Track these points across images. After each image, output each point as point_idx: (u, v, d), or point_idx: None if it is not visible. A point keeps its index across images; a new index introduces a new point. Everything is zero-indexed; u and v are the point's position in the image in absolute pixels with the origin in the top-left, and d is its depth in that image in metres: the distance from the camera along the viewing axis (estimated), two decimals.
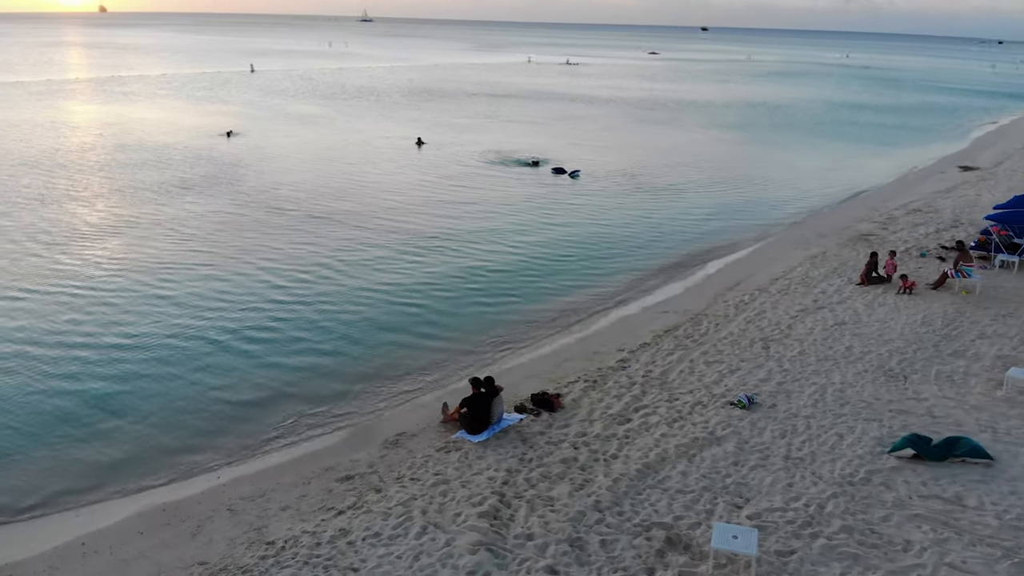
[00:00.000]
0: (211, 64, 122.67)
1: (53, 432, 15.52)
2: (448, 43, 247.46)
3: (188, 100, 73.99)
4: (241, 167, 42.09)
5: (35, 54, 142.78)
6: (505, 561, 11.23)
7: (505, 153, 49.31)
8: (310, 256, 26.86)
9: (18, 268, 24.75)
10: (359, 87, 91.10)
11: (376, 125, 60.63)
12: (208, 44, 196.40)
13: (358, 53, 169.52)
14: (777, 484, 12.99)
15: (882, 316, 21.15)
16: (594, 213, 34.87)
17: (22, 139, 49.33)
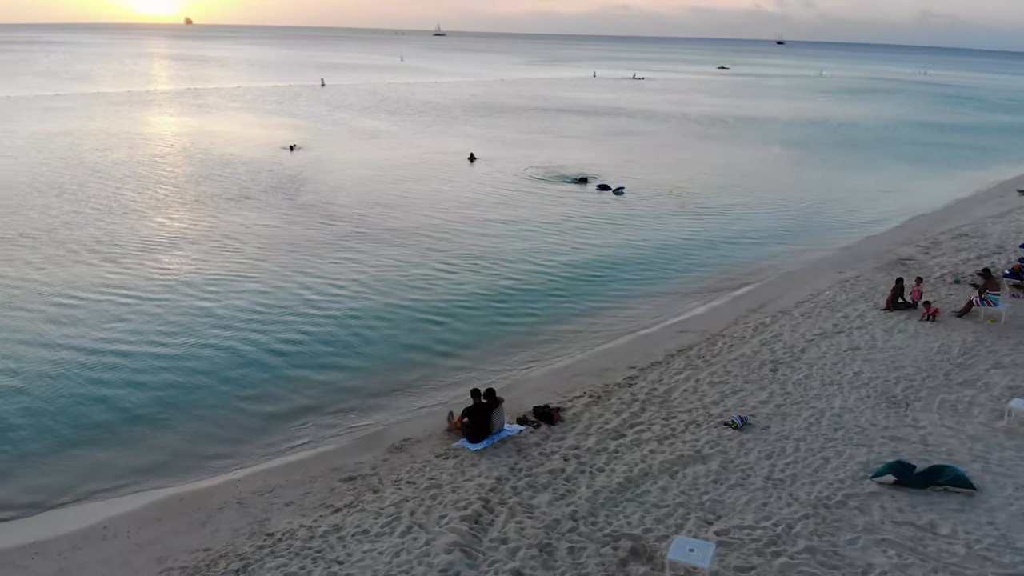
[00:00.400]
0: (284, 78, 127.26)
1: (88, 431, 16.93)
2: (516, 57, 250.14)
3: (258, 113, 77.23)
4: (298, 181, 44.00)
5: (118, 65, 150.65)
6: (476, 562, 11.99)
7: (554, 169, 50.14)
8: (347, 271, 28.11)
9: (73, 276, 26.70)
10: (423, 102, 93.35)
11: (433, 140, 62.25)
12: (285, 57, 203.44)
13: (427, 67, 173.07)
14: (752, 503, 13.39)
15: (899, 343, 21.11)
16: (633, 232, 35.29)
17: (97, 148, 52.62)
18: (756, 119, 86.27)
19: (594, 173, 48.88)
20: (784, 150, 64.04)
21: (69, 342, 21.20)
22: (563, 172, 49.07)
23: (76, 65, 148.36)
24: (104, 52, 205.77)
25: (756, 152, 62.08)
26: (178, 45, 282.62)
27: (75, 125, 63.92)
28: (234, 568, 12.22)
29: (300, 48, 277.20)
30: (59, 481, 15.22)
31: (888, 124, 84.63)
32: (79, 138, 56.91)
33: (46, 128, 61.75)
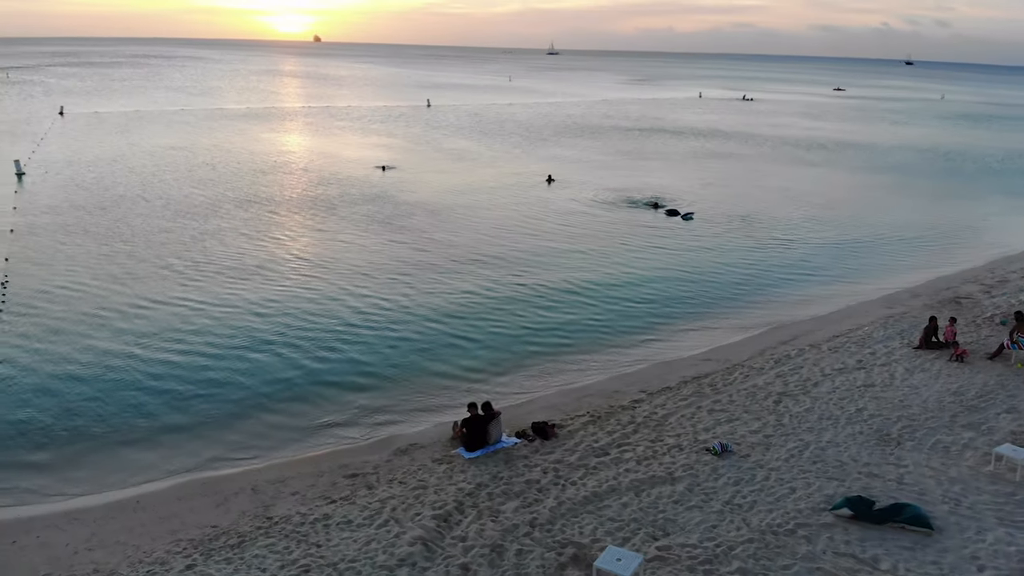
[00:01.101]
0: (394, 98, 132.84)
1: (133, 421, 19.40)
2: (624, 76, 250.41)
3: (361, 133, 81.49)
4: (380, 200, 46.69)
5: (242, 81, 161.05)
6: (433, 555, 13.39)
7: (630, 193, 50.95)
8: (397, 288, 30.02)
9: (155, 278, 29.84)
10: (520, 122, 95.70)
11: (517, 161, 64.15)
12: (400, 77, 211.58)
13: (532, 88, 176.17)
14: (702, 524, 14.18)
15: (917, 382, 21.07)
16: (690, 260, 35.75)
17: (206, 162, 57.33)
18: (857, 145, 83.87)
19: (670, 197, 49.47)
20: (877, 178, 62.26)
21: (136, 340, 24.00)
22: (638, 196, 49.81)
23: (205, 81, 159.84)
24: (233, 69, 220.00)
25: (846, 180, 60.71)
26: (302, 63, 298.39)
27: (192, 140, 69.61)
28: (231, 543, 14.08)
29: (416, 67, 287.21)
30: (110, 460, 17.65)
31: (1002, 155, 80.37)
32: (193, 152, 62.08)
33: (165, 142, 67.61)
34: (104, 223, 38.33)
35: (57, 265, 31.36)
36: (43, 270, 30.65)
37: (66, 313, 26.02)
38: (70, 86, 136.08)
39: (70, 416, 19.31)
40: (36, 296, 27.66)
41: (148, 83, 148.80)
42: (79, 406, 19.81)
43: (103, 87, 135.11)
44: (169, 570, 13.21)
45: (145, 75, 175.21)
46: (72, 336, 24.12)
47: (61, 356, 22.66)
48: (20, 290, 28.20)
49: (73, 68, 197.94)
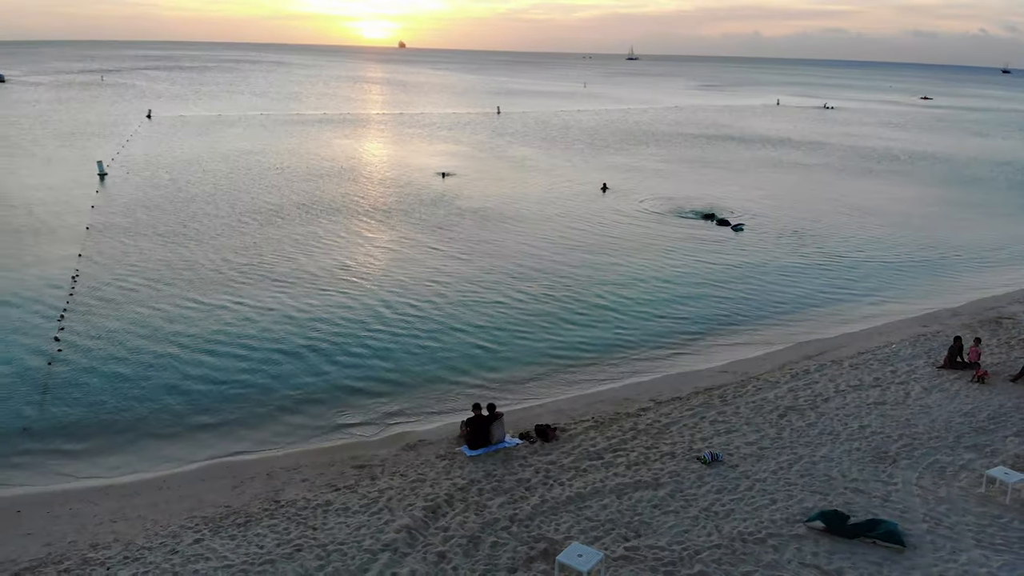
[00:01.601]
0: (465, 105, 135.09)
1: (171, 413, 21.06)
2: (702, 82, 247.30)
3: (427, 139, 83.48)
4: (434, 206, 48.12)
5: (323, 87, 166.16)
6: (415, 542, 14.39)
7: (684, 202, 51.03)
8: (434, 292, 31.21)
9: (199, 281, 31.76)
10: (585, 129, 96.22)
11: (575, 169, 64.77)
12: (476, 83, 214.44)
13: (605, 94, 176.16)
14: (675, 528, 14.74)
15: (931, 401, 20.96)
16: (732, 271, 35.76)
17: (276, 166, 59.98)
18: (934, 156, 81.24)
19: (726, 207, 49.43)
20: (947, 192, 60.35)
21: (181, 338, 25.86)
22: (692, 206, 49.83)
23: (287, 86, 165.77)
24: (316, 74, 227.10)
25: (913, 193, 59.07)
26: (383, 68, 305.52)
27: (265, 144, 72.80)
28: (239, 522, 15.40)
29: (494, 73, 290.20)
30: (144, 449, 19.33)
31: None
32: (265, 156, 65.03)
33: (241, 146, 70.94)
34: (171, 223, 40.88)
35: (124, 262, 33.76)
36: (110, 266, 33.06)
37: (123, 309, 28.13)
38: (161, 89, 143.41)
39: (114, 405, 21.13)
40: (100, 290, 29.96)
41: (233, 87, 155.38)
42: (123, 397, 21.63)
43: (191, 91, 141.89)
44: (179, 543, 14.58)
45: (232, 80, 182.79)
46: (124, 332, 26.14)
47: (112, 350, 24.66)
48: (87, 285, 30.57)
49: (166, 72, 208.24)
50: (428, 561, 13.73)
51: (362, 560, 13.76)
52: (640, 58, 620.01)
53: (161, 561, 13.91)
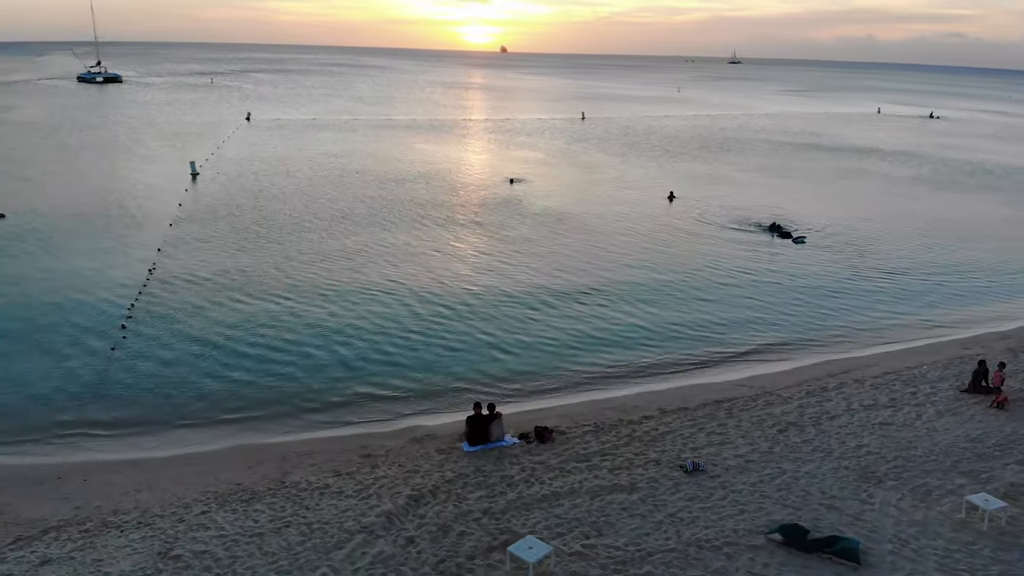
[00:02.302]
0: (552, 110, 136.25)
1: (208, 396, 23.10)
2: (802, 88, 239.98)
3: (505, 145, 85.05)
4: (496, 212, 49.46)
5: (419, 92, 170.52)
6: (391, 527, 15.62)
7: (750, 211, 50.59)
8: (472, 295, 32.52)
9: (255, 278, 34.05)
10: (667, 135, 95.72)
11: (647, 176, 64.87)
12: (568, 88, 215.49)
13: (698, 99, 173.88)
14: (636, 531, 15.40)
15: (940, 424, 20.70)
16: (781, 284, 35.48)
17: (356, 170, 62.64)
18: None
19: (793, 218, 48.88)
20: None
21: (234, 329, 28.04)
22: (758, 216, 49.21)
23: (384, 91, 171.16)
24: (413, 79, 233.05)
25: (993, 210, 56.40)
26: (480, 73, 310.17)
27: (351, 148, 75.97)
28: (244, 499, 17.04)
29: (590, 78, 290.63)
30: (183, 424, 21.37)
31: None
32: (347, 160, 67.99)
33: (328, 149, 74.35)
34: (246, 222, 43.73)
35: (196, 257, 36.53)
36: (183, 261, 35.86)
37: (185, 302, 30.60)
38: (264, 92, 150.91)
39: (161, 391, 23.34)
40: (170, 284, 32.64)
41: (332, 92, 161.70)
42: (170, 383, 23.87)
43: (292, 94, 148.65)
44: (188, 513, 16.32)
45: (332, 84, 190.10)
46: (182, 323, 28.54)
47: (168, 340, 27.04)
48: (160, 278, 33.35)
49: (271, 75, 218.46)
50: (397, 544, 14.93)
51: (339, 539, 15.09)
52: (743, 62, 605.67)
53: (168, 528, 15.64)
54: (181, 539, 15.16)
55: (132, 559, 14.42)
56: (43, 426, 20.79)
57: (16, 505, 16.70)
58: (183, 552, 14.68)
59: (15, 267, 34.27)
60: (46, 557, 14.51)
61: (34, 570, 14.08)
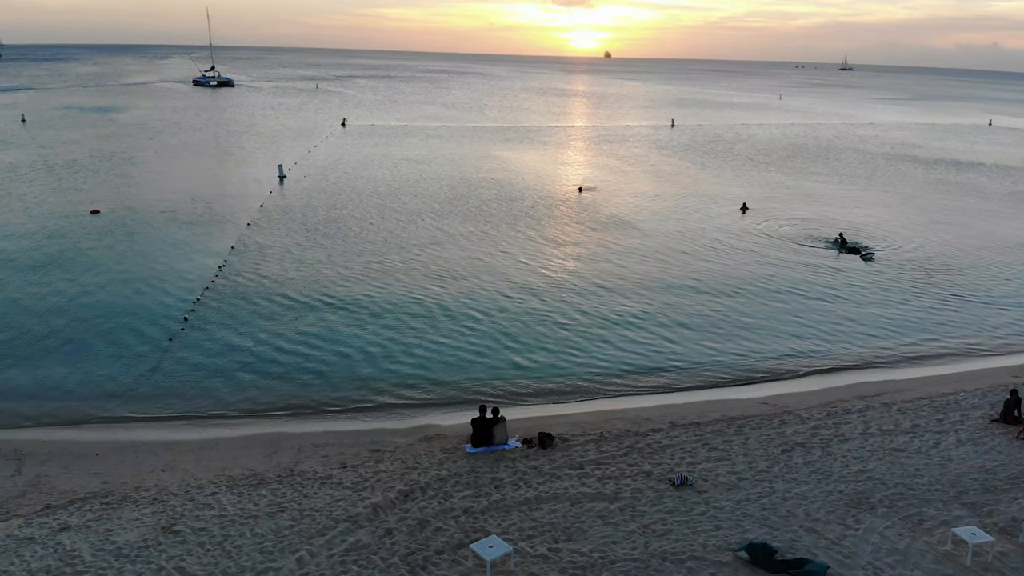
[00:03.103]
0: (642, 117, 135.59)
1: (248, 387, 24.73)
2: (912, 97, 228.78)
3: (584, 152, 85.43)
4: (560, 220, 50.07)
5: (512, 99, 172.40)
6: (375, 518, 16.57)
7: (824, 225, 49.29)
8: (513, 302, 33.26)
9: (315, 278, 35.77)
10: (754, 144, 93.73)
11: (723, 186, 63.90)
12: (665, 94, 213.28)
13: (799, 107, 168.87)
14: (607, 539, 15.77)
15: (957, 454, 20.03)
16: (837, 302, 34.59)
17: (432, 176, 64.41)
18: None
19: (870, 233, 47.52)
20: None
21: (289, 321, 29.74)
22: (830, 230, 47.74)
23: (478, 97, 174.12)
24: (510, 85, 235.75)
25: None
26: (580, 80, 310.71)
27: (433, 153, 78.10)
28: (253, 483, 18.39)
29: (691, 84, 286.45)
30: (221, 413, 23.06)
31: None
32: (427, 165, 70.03)
33: (411, 154, 76.74)
34: (319, 223, 45.96)
35: (265, 256, 38.78)
36: (253, 260, 38.14)
37: (246, 299, 32.65)
38: (363, 98, 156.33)
39: (206, 382, 25.21)
40: (236, 280, 34.85)
41: (428, 98, 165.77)
42: (217, 375, 25.70)
43: (389, 100, 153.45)
44: (199, 493, 17.77)
45: (429, 90, 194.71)
46: (239, 319, 30.53)
47: (222, 335, 29.02)
48: (227, 274, 35.64)
49: (374, 81, 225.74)
50: (375, 535, 15.86)
51: (324, 526, 16.16)
52: (854, 68, 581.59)
53: (178, 505, 17.12)
54: (186, 516, 16.57)
55: (138, 531, 15.90)
56: (93, 406, 22.93)
57: (53, 477, 18.59)
58: (184, 528, 16.07)
59: (99, 258, 37.39)
60: (66, 524, 16.18)
61: (53, 535, 15.74)
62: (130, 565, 14.65)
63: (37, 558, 14.83)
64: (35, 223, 44.24)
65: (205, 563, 14.75)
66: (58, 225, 43.91)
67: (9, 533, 15.74)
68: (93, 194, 52.79)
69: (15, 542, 15.41)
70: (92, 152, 72.11)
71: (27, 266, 36.07)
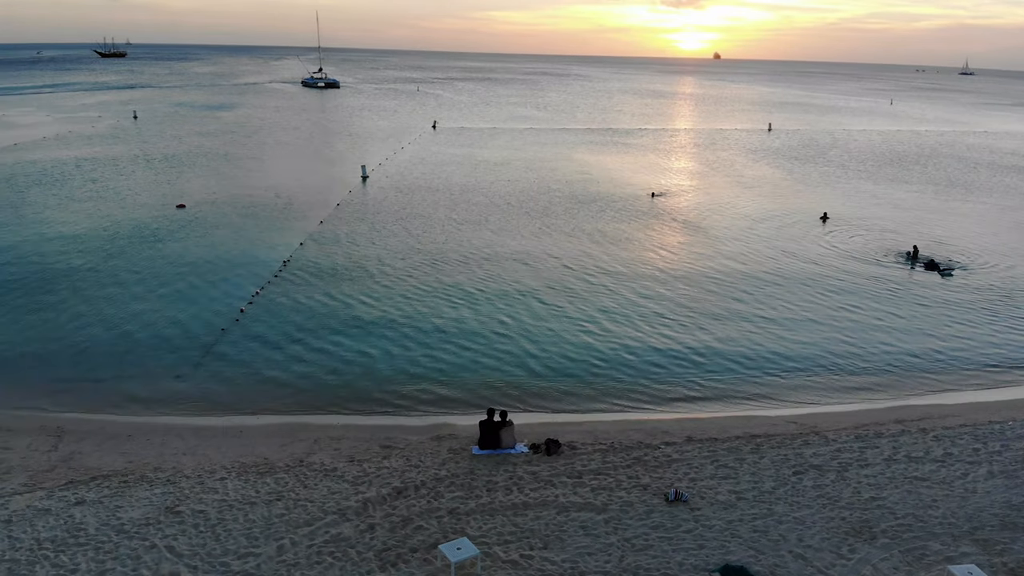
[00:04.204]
0: (738, 120, 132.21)
1: (286, 383, 25.80)
2: None
3: (667, 155, 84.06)
4: (626, 225, 49.55)
5: (605, 100, 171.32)
6: (364, 512, 17.08)
7: (906, 239, 46.79)
8: (553, 306, 33.27)
9: (373, 276, 36.76)
10: (850, 151, 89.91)
11: (808, 194, 61.65)
12: (769, 97, 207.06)
13: (909, 113, 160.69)
14: (583, 550, 15.70)
15: (983, 487, 18.81)
16: (899, 320, 32.91)
17: (508, 178, 64.80)
18: None
19: (956, 249, 45.01)
20: None
21: (339, 317, 30.80)
22: (912, 244, 45.34)
23: (572, 99, 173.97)
24: (607, 87, 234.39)
25: None
26: (682, 81, 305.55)
27: (513, 155, 78.71)
28: (261, 472, 19.27)
29: (798, 87, 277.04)
30: (255, 403, 24.18)
31: None
32: (505, 167, 70.67)
33: (491, 156, 77.64)
34: (387, 224, 47.21)
35: (331, 254, 40.19)
36: (317, 258, 39.58)
37: (303, 296, 33.94)
38: (460, 100, 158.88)
39: (249, 374, 26.45)
40: (298, 276, 36.30)
41: (521, 100, 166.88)
42: (260, 365, 26.92)
43: (482, 102, 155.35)
44: (210, 477, 18.78)
45: (525, 93, 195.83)
46: (292, 314, 31.82)
47: (272, 330, 30.32)
48: (291, 271, 37.15)
49: (473, 84, 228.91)
50: (358, 529, 16.36)
51: (312, 517, 16.80)
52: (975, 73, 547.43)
53: (187, 487, 18.16)
54: (191, 498, 17.56)
55: (144, 510, 16.98)
56: (136, 387, 24.52)
57: (84, 454, 20.02)
58: (185, 509, 17.04)
59: (173, 251, 39.74)
60: (82, 499, 17.44)
61: (68, 508, 17.02)
62: (127, 540, 15.66)
63: (47, 528, 16.07)
64: (123, 214, 47.41)
65: (194, 544, 15.60)
66: (144, 217, 46.88)
67: (30, 504, 17.10)
68: (183, 188, 56.02)
69: (33, 512, 16.74)
70: (191, 148, 76.46)
71: (104, 255, 38.72)
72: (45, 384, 24.69)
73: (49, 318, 30.15)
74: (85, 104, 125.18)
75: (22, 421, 22.01)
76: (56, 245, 40.32)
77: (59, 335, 28.49)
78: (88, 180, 58.62)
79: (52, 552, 15.20)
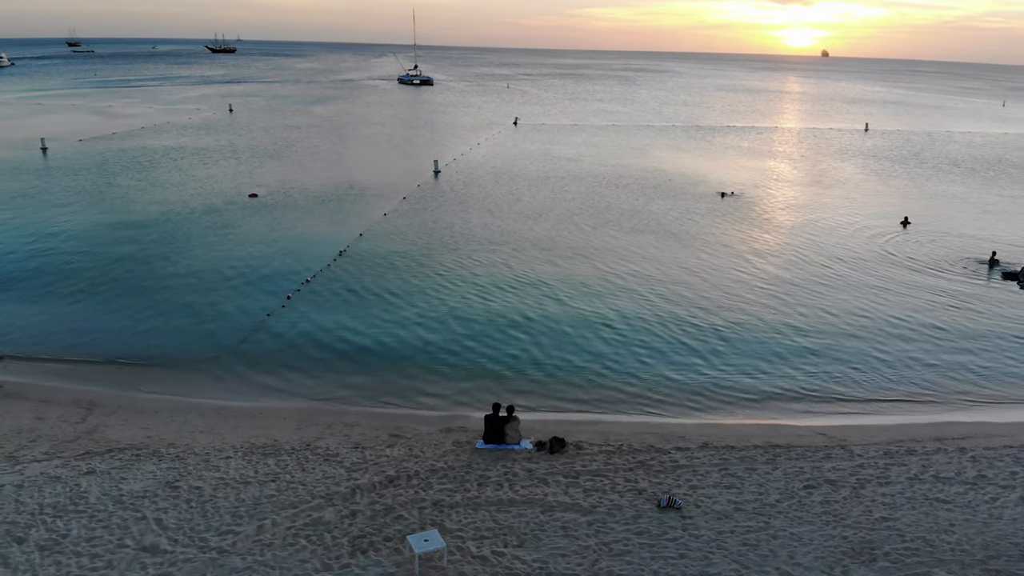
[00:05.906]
0: (833, 119, 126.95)
1: (319, 372, 26.36)
2: None
3: (748, 155, 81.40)
4: (690, 226, 48.38)
5: (696, 97, 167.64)
6: (350, 499, 17.26)
7: (988, 246, 43.83)
8: (589, 306, 32.79)
9: (428, 272, 37.11)
10: (947, 154, 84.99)
11: (892, 197, 58.61)
12: (873, 96, 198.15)
13: (1018, 116, 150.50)
14: (557, 552, 15.34)
15: (1010, 514, 17.32)
16: (963, 331, 30.83)
17: (577, 175, 64.26)
18: None
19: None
20: None
21: (385, 308, 31.31)
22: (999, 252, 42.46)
23: (662, 95, 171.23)
24: (701, 83, 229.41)
25: None
26: (783, 78, 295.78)
27: (586, 152, 78.08)
28: (267, 452, 19.78)
29: (906, 86, 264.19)
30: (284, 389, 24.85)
31: None
32: (575, 163, 70.21)
33: (565, 152, 77.36)
34: (448, 216, 47.70)
35: (386, 247, 40.79)
36: (373, 248, 40.33)
37: (350, 287, 34.51)
38: (547, 96, 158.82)
39: (283, 359, 27.18)
40: (350, 267, 37.04)
41: (607, 96, 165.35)
42: (296, 350, 27.66)
43: (569, 99, 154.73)
44: (217, 456, 19.40)
45: (614, 89, 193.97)
46: (335, 303, 32.55)
47: (309, 316, 31.08)
48: (346, 260, 38.03)
49: (563, 80, 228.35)
50: (340, 515, 16.54)
51: (299, 499, 17.10)
52: None
53: (191, 464, 18.82)
54: (191, 475, 18.19)
55: (145, 483, 17.69)
56: (174, 365, 25.56)
57: (108, 427, 21.02)
58: (183, 485, 17.65)
59: (238, 236, 41.37)
60: (92, 469, 18.32)
61: (78, 477, 17.90)
62: (121, 511, 16.35)
63: (53, 494, 16.95)
64: (200, 202, 49.60)
65: (180, 519, 16.14)
66: (218, 205, 48.92)
67: (44, 471, 18.09)
68: (261, 178, 58.13)
69: (44, 479, 17.69)
70: (276, 140, 79.32)
71: (172, 240, 40.56)
72: (89, 360, 26.06)
73: (110, 298, 31.87)
74: (187, 97, 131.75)
75: (61, 394, 23.30)
76: (129, 230, 42.52)
77: (107, 314, 30.02)
78: (173, 168, 61.65)
79: (50, 517, 16.00)
